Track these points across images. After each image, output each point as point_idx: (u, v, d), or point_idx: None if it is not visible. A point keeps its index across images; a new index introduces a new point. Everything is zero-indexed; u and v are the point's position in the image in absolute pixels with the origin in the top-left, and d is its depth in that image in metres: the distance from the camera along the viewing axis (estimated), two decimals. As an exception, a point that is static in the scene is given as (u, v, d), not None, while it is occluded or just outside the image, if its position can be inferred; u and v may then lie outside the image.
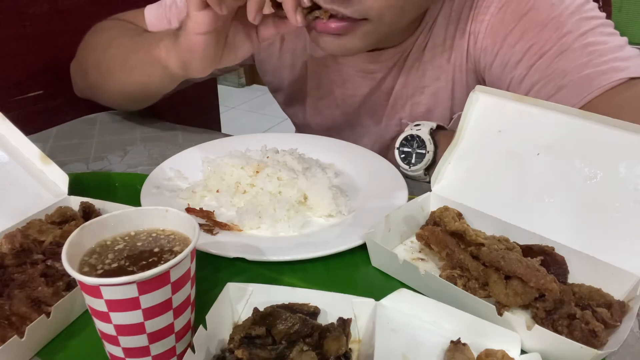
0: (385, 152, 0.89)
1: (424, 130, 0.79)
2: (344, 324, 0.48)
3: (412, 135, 0.80)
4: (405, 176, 0.78)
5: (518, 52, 0.77)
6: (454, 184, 0.68)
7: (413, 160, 0.80)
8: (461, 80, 0.87)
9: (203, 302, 0.49)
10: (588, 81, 0.70)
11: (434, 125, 0.81)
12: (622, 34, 0.75)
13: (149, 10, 0.99)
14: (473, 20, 0.82)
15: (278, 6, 0.68)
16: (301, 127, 1.13)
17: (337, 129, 1.03)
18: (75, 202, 0.67)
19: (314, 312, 0.49)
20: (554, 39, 0.74)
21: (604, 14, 0.76)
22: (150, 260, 0.43)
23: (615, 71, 0.69)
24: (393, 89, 0.92)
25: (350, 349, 0.46)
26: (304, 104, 1.04)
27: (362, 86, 0.94)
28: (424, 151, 0.79)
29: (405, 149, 0.80)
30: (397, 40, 0.87)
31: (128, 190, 0.77)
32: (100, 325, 0.42)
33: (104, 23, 0.99)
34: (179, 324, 0.44)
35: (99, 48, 0.94)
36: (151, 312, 0.41)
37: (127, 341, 0.42)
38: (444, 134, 0.80)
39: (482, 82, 0.86)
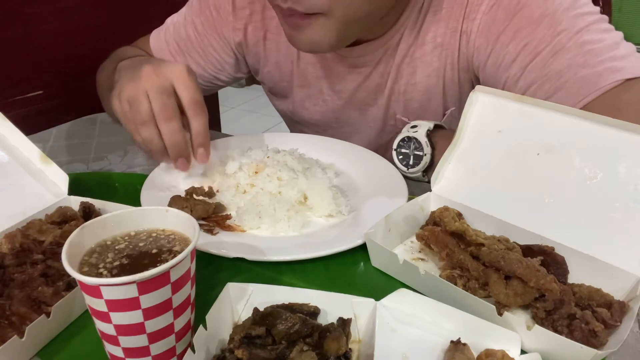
0: (383, 150, 0.88)
1: (420, 132, 0.79)
2: (344, 324, 0.48)
3: (409, 137, 0.80)
4: (405, 177, 0.78)
5: (512, 52, 0.75)
6: (454, 184, 0.68)
7: (411, 162, 0.80)
8: (453, 78, 0.86)
9: (203, 302, 0.49)
10: (584, 83, 0.69)
11: (431, 125, 0.80)
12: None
13: (153, 34, 1.02)
14: (465, 19, 0.80)
15: None
16: (292, 125, 1.13)
17: (325, 125, 1.02)
18: (75, 202, 0.67)
19: (314, 312, 0.49)
20: (549, 37, 0.72)
21: (598, 8, 0.74)
22: (150, 260, 0.43)
23: (611, 72, 0.68)
24: (382, 85, 0.92)
25: (350, 349, 0.46)
26: (292, 101, 1.04)
27: (348, 81, 0.94)
28: (421, 153, 0.78)
29: (403, 150, 0.80)
30: (377, 32, 0.85)
31: (128, 190, 0.77)
32: (100, 325, 0.42)
33: (120, 48, 1.02)
34: (179, 324, 0.44)
35: (99, 72, 1.02)
36: (151, 312, 0.41)
37: (127, 341, 0.42)
38: (441, 135, 0.80)
39: (476, 80, 0.85)
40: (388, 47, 0.87)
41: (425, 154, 0.78)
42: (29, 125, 0.77)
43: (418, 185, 0.80)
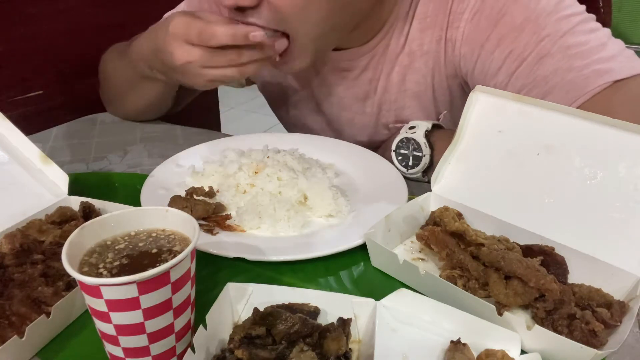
0: (380, 154, 0.88)
1: (419, 133, 0.79)
2: (344, 324, 0.48)
3: (407, 138, 0.80)
4: (404, 177, 0.78)
5: (497, 59, 0.75)
6: (454, 184, 0.68)
7: (410, 163, 0.80)
8: (441, 84, 0.86)
9: (203, 302, 0.49)
10: (572, 87, 0.69)
11: (429, 126, 0.80)
12: (622, 34, 0.74)
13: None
14: (449, 27, 0.80)
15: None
16: (290, 129, 1.13)
17: (318, 131, 1.02)
18: (75, 202, 0.67)
19: (314, 312, 0.49)
20: (533, 43, 0.71)
21: (583, 7, 0.73)
22: (150, 260, 0.43)
23: (598, 75, 0.67)
24: (370, 92, 0.91)
25: (350, 349, 0.46)
26: (286, 105, 1.04)
27: (338, 85, 0.94)
28: (420, 154, 0.78)
29: (402, 151, 0.80)
30: (360, 39, 0.85)
31: (128, 190, 0.77)
32: (100, 325, 0.42)
33: (116, 44, 1.02)
34: (179, 324, 0.44)
35: (101, 71, 1.03)
36: (151, 312, 0.41)
37: (127, 341, 0.42)
38: (439, 135, 0.80)
39: (465, 85, 0.85)
40: (374, 54, 0.87)
41: (424, 155, 0.78)
42: (29, 125, 0.77)
43: (418, 185, 0.80)
